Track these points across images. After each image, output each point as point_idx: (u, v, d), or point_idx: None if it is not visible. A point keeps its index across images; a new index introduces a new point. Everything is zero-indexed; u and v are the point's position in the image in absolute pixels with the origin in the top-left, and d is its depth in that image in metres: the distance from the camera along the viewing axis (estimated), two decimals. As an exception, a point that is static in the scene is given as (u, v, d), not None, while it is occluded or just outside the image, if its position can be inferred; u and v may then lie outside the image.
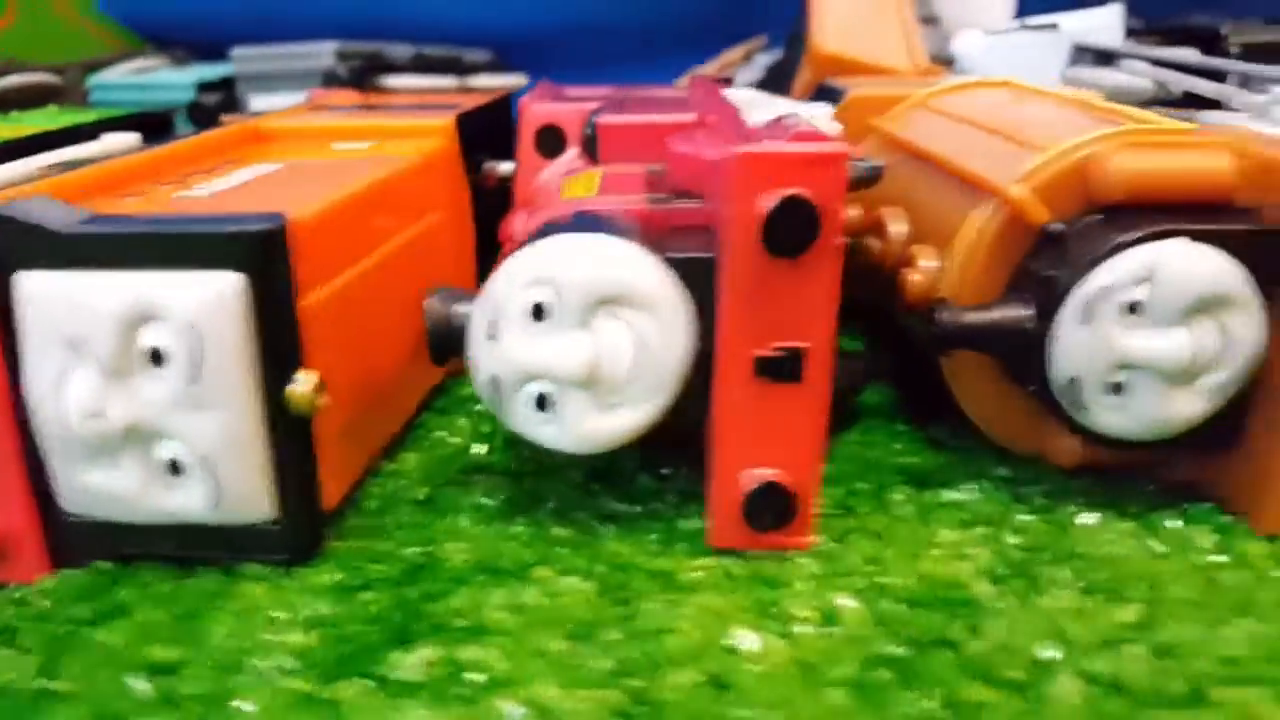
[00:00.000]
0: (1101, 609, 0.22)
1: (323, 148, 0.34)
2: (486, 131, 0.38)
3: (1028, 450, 0.28)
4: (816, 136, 0.23)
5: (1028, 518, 0.26)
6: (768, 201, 0.22)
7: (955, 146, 0.31)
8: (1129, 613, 0.22)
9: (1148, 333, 0.24)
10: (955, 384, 0.28)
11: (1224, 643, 0.21)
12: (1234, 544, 0.25)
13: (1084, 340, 0.24)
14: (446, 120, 0.35)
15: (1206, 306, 0.24)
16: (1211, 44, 0.54)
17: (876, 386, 0.34)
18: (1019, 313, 0.25)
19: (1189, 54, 0.44)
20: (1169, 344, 0.24)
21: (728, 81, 0.44)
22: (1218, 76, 0.40)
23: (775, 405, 0.24)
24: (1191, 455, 0.27)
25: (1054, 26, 0.49)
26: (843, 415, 0.32)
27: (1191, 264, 0.24)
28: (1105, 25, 0.48)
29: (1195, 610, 0.22)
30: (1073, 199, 0.26)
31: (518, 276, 0.23)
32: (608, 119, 0.33)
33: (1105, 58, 0.45)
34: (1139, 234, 0.24)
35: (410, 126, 0.35)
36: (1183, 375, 0.24)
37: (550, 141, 0.38)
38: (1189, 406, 0.24)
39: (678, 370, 0.24)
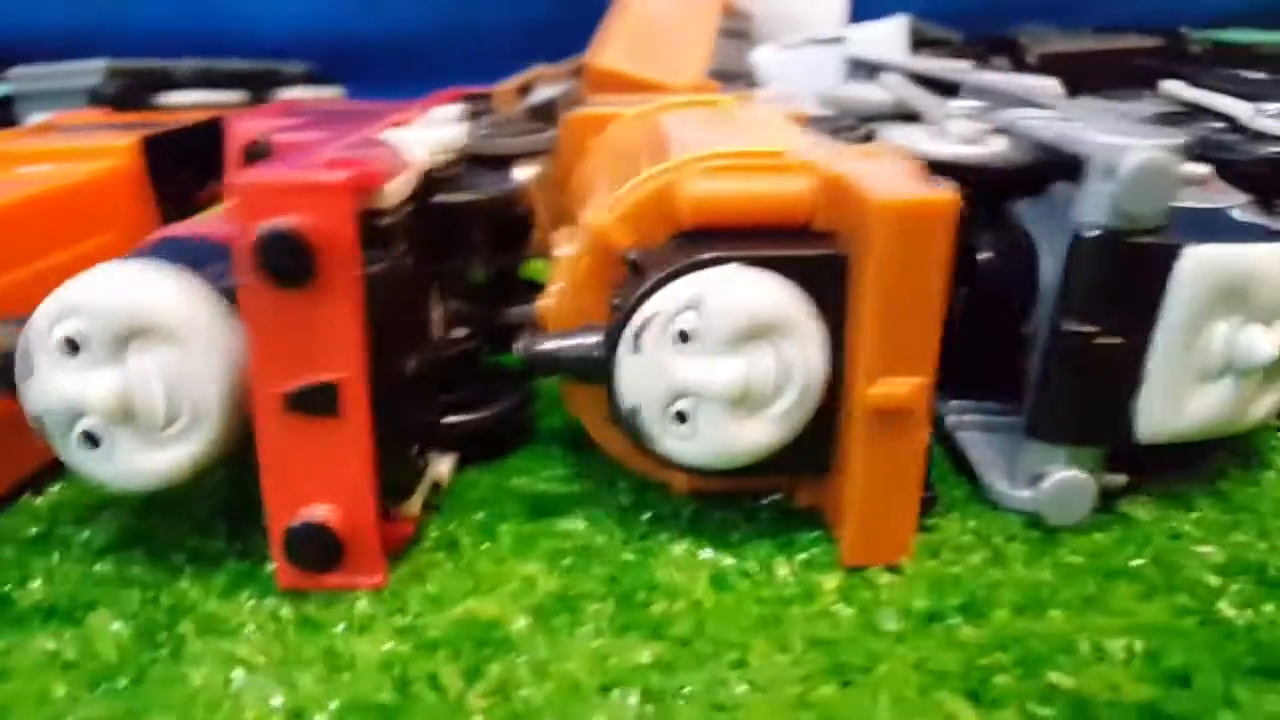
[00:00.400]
0: (624, 649, 0.22)
1: (5, 171, 0.34)
2: (207, 151, 0.38)
3: (648, 474, 0.27)
4: (342, 164, 0.23)
5: (625, 548, 0.26)
6: (257, 230, 0.21)
7: (609, 169, 0.30)
8: (649, 653, 0.22)
9: (700, 361, 0.23)
10: (570, 405, 0.27)
11: (724, 690, 0.21)
12: (812, 576, 0.24)
13: (640, 369, 0.23)
14: (128, 142, 0.34)
15: (760, 333, 0.23)
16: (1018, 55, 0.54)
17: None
18: (585, 341, 0.24)
19: (955, 66, 0.44)
20: (720, 372, 0.23)
21: (484, 98, 0.44)
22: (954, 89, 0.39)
23: (315, 441, 0.23)
24: (807, 481, 0.26)
25: (840, 40, 0.49)
26: (509, 438, 0.31)
27: (737, 291, 0.23)
28: (886, 38, 0.48)
29: (725, 649, 0.22)
30: (658, 225, 0.25)
31: (50, 308, 0.23)
32: (281, 137, 0.32)
33: (874, 71, 0.45)
34: (688, 261, 0.23)
35: (90, 149, 0.34)
36: (744, 403, 0.23)
37: (261, 158, 0.37)
38: (756, 434, 0.24)
39: (220, 402, 0.23)
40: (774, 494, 0.27)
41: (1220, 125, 0.35)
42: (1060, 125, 0.26)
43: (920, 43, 0.52)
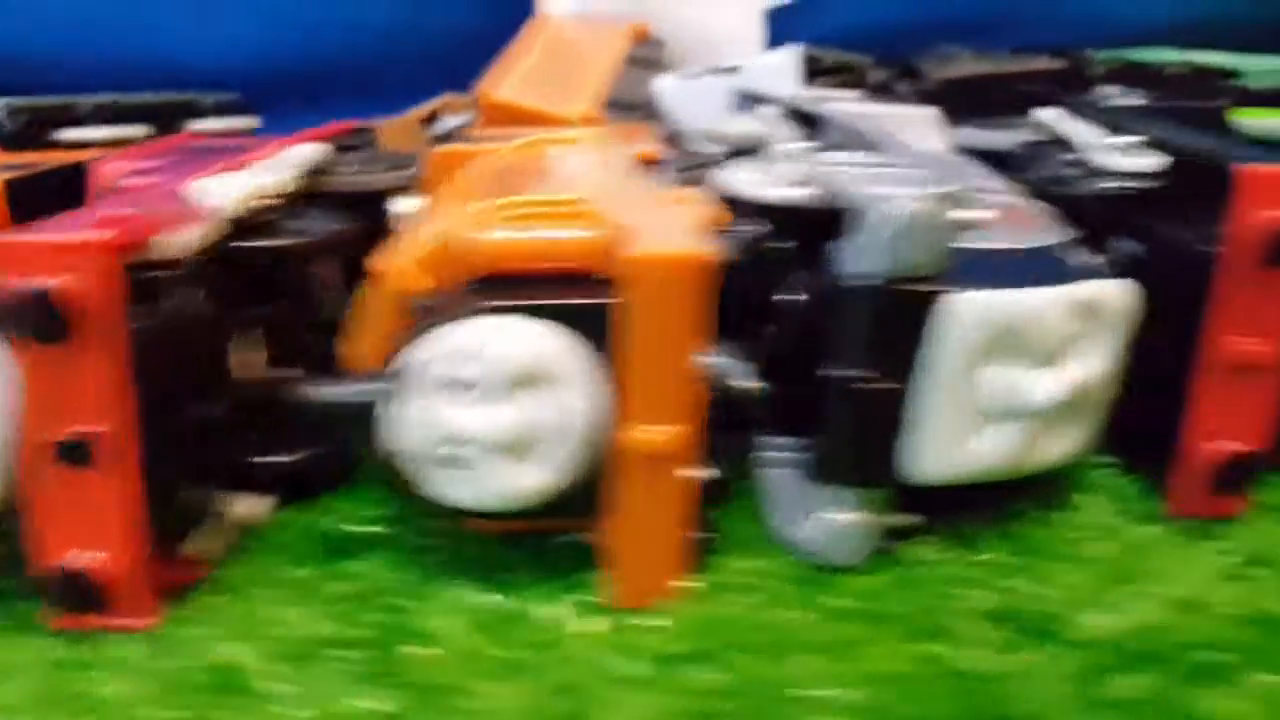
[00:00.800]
0: (364, 696, 0.22)
1: None
2: (80, 193, 0.38)
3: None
4: (112, 221, 0.23)
5: (407, 591, 0.26)
6: (12, 290, 0.22)
7: (436, 212, 0.31)
8: (391, 702, 0.22)
9: (473, 407, 0.23)
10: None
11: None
12: (580, 619, 0.24)
13: (414, 415, 0.24)
14: (-16, 187, 0.35)
15: (533, 380, 0.23)
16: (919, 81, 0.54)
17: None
18: (363, 387, 0.25)
19: (837, 97, 0.44)
20: (492, 419, 0.23)
21: (368, 131, 0.44)
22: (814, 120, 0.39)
23: (79, 489, 0.23)
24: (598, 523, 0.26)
25: (736, 70, 0.49)
26: (328, 477, 0.31)
27: (510, 339, 0.23)
28: (778, 68, 0.48)
29: (465, 697, 0.22)
30: (452, 271, 0.25)
31: None
32: (128, 181, 0.33)
33: (760, 102, 0.45)
34: (464, 308, 0.24)
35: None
36: (517, 449, 0.24)
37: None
38: (530, 480, 0.24)
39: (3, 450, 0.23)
40: (570, 534, 0.27)
41: (1073, 157, 0.35)
42: (852, 171, 0.27)
43: (820, 70, 0.52)
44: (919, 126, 0.41)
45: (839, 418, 0.25)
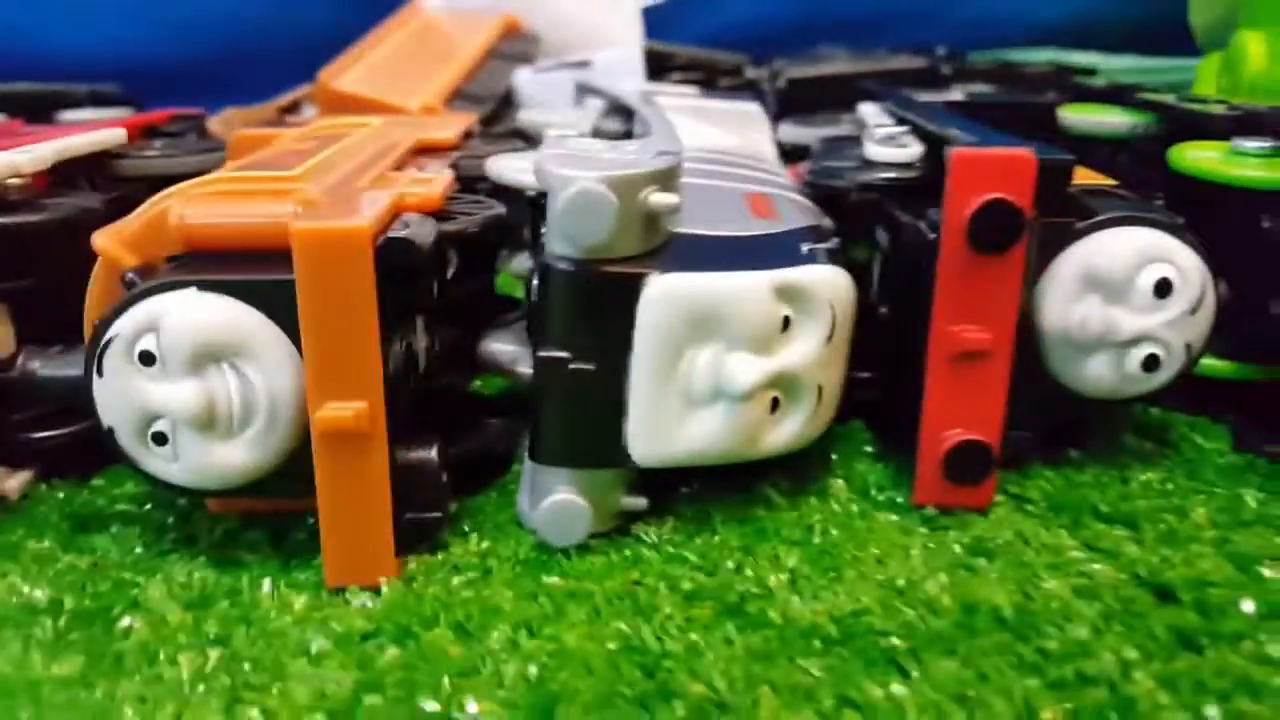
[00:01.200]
0: (51, 665, 0.22)
1: None
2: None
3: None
4: None
5: (135, 568, 0.26)
6: None
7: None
8: (69, 667, 0.22)
9: (162, 383, 0.24)
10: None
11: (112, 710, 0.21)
12: (294, 598, 0.25)
13: (109, 391, 0.24)
14: None
15: (219, 356, 0.23)
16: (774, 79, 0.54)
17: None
18: (75, 362, 0.25)
19: (667, 92, 0.44)
20: (180, 394, 0.23)
21: (192, 119, 0.44)
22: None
23: None
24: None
25: (587, 64, 0.49)
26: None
27: (192, 314, 0.23)
28: (625, 64, 0.49)
29: (149, 666, 0.22)
30: (158, 247, 0.25)
31: None
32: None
33: (591, 94, 0.45)
34: (151, 284, 0.24)
35: None
36: (214, 425, 0.24)
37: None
38: (232, 457, 0.24)
39: None
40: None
41: (858, 151, 0.36)
42: (562, 155, 0.27)
43: (674, 67, 0.52)
44: (738, 122, 0.41)
45: (543, 398, 0.25)
